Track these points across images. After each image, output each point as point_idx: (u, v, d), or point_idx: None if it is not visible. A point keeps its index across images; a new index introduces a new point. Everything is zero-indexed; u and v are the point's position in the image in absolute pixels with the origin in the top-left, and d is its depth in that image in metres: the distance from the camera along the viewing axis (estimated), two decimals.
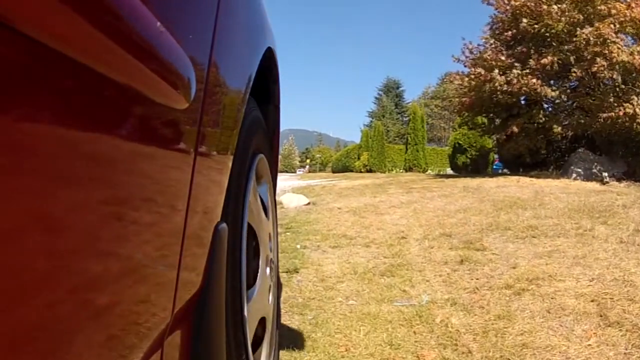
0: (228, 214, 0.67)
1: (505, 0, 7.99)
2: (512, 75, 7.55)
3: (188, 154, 0.49)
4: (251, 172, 0.85)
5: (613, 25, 6.72)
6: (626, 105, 6.72)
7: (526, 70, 7.52)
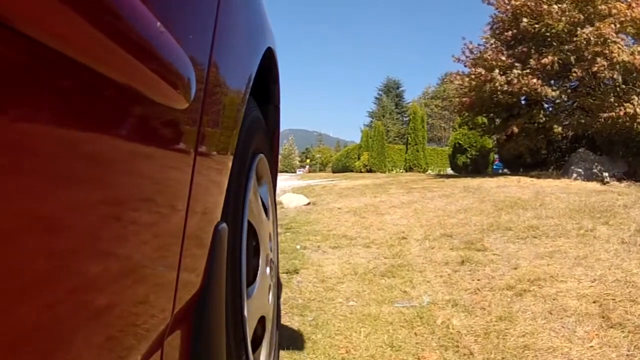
0: (228, 214, 0.67)
1: (505, 0, 7.98)
2: (513, 75, 7.53)
3: (188, 154, 0.49)
4: (251, 172, 0.86)
5: (614, 25, 6.71)
6: (627, 105, 6.71)
7: (526, 70, 7.51)
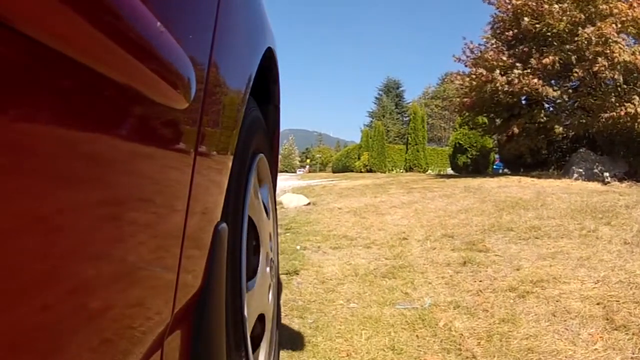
0: (228, 214, 0.68)
1: None
2: (513, 75, 7.52)
3: (188, 154, 0.49)
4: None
5: (615, 25, 6.70)
6: (627, 105, 6.70)
7: (527, 70, 7.49)
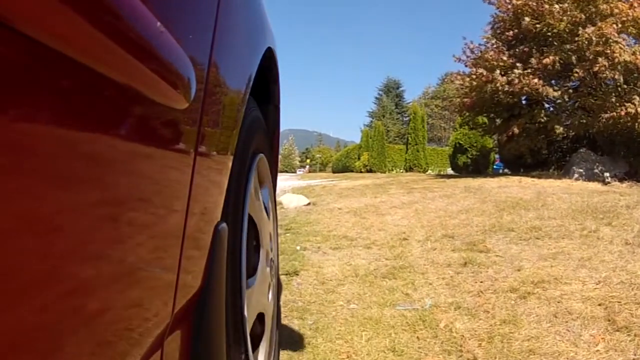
0: (228, 214, 0.68)
1: None
2: (514, 75, 7.51)
3: (188, 154, 0.49)
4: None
5: (615, 25, 6.68)
6: (628, 105, 6.68)
7: (528, 70, 7.48)
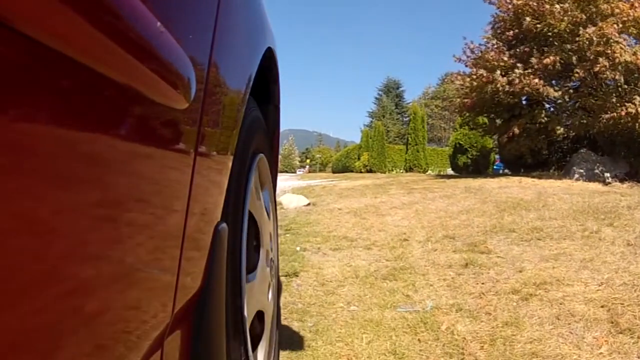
0: (228, 214, 0.68)
1: None
2: (514, 75, 7.49)
3: (188, 154, 0.49)
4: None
5: (616, 25, 6.67)
6: (628, 105, 6.67)
7: (528, 70, 7.46)
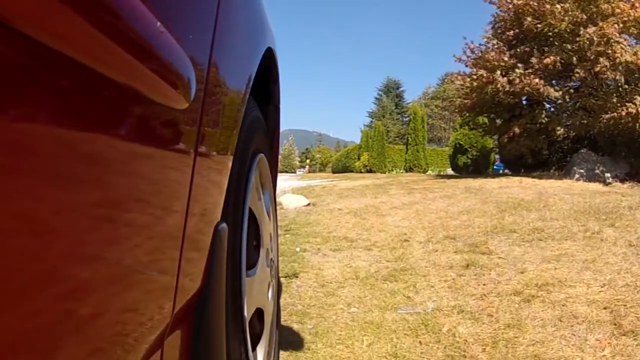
0: (228, 214, 0.68)
1: None
2: (515, 75, 7.47)
3: (188, 154, 0.49)
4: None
5: (616, 25, 6.65)
6: (629, 105, 6.65)
7: (528, 70, 7.45)
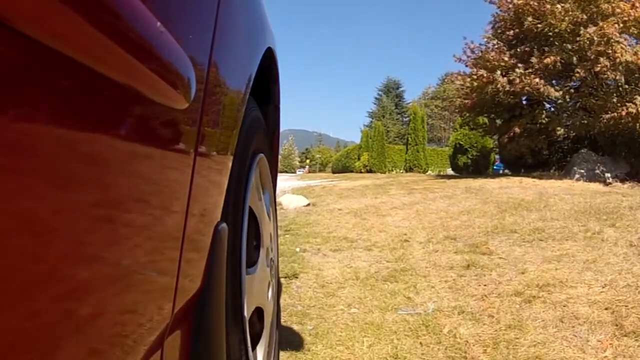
0: (228, 214, 0.68)
1: None
2: (515, 74, 7.46)
3: (188, 154, 0.49)
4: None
5: (617, 25, 6.64)
6: (629, 105, 6.65)
7: (529, 70, 7.44)
